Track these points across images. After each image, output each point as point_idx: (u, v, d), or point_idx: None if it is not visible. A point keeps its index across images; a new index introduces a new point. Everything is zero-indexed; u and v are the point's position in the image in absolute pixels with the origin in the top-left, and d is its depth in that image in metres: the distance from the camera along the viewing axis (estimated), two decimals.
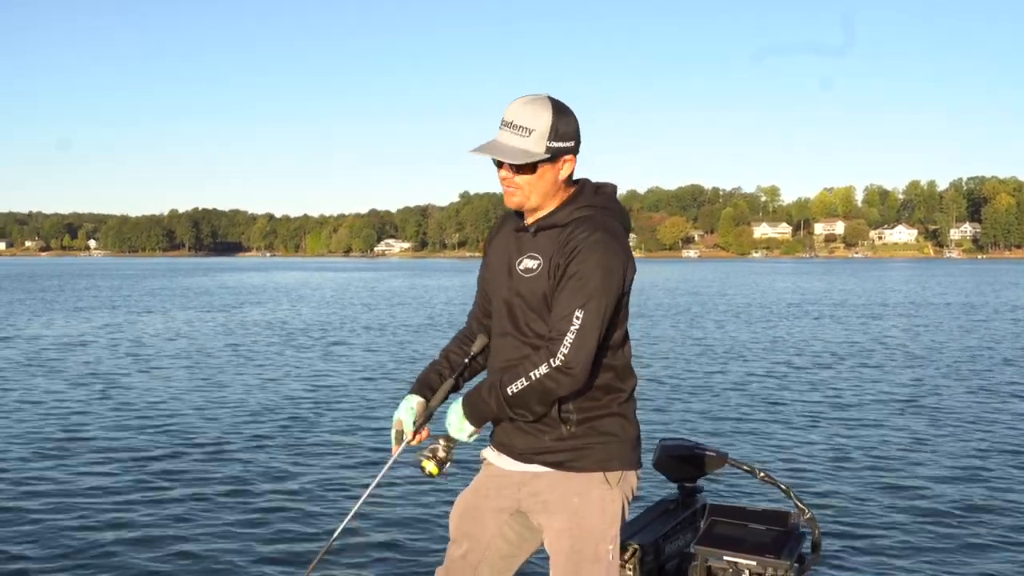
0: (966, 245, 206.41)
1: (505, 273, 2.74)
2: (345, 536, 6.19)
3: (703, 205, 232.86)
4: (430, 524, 6.57)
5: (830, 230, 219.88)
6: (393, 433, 2.84)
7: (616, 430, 2.68)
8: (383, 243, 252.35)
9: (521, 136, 2.56)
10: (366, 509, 6.87)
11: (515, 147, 2.57)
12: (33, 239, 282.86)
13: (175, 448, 9.10)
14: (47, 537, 6.28)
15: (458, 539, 2.86)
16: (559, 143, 2.58)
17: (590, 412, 2.65)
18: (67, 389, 13.04)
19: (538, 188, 2.62)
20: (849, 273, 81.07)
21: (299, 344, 19.99)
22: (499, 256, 2.80)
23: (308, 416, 10.97)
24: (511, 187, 2.63)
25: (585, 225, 2.59)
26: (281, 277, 72.24)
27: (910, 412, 11.34)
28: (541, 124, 2.56)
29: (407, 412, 2.83)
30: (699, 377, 14.51)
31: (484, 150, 2.60)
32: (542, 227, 2.66)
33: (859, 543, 6.25)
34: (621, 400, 2.70)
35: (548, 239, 2.64)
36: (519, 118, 2.57)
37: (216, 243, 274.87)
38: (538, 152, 2.56)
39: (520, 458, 2.73)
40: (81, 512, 6.86)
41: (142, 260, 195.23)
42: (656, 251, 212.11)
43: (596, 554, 2.67)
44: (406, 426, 2.81)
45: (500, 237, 2.86)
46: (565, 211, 2.65)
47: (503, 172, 2.63)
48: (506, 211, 2.86)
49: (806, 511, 3.66)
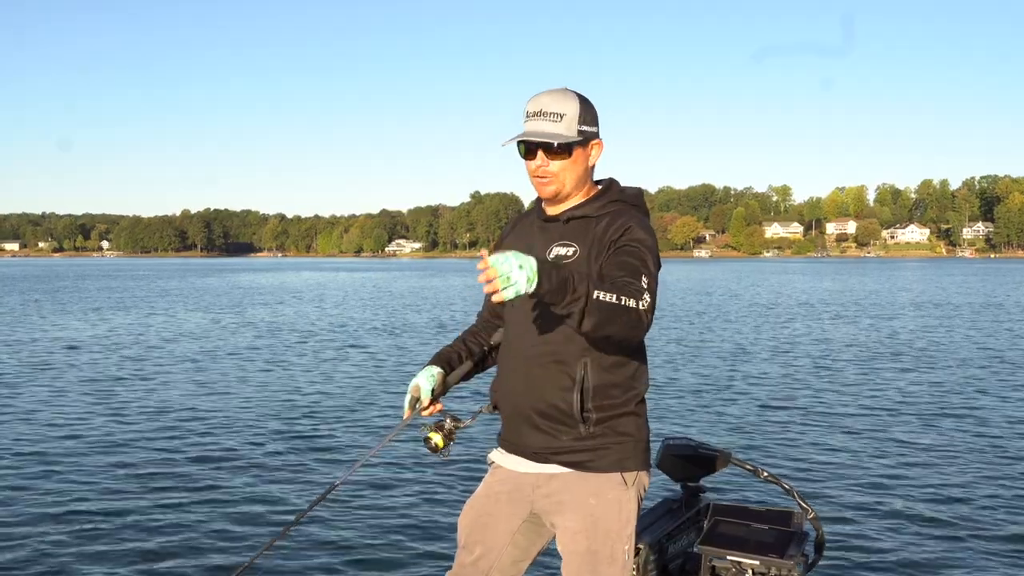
0: (979, 244, 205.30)
1: None
2: (351, 541, 6.25)
3: (714, 205, 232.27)
4: (437, 529, 6.57)
5: (842, 230, 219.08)
6: (407, 399, 2.83)
7: (632, 430, 2.68)
8: (394, 243, 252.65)
9: (553, 122, 2.60)
10: (372, 515, 6.92)
11: (549, 131, 2.60)
12: (46, 240, 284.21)
13: (197, 449, 9.15)
14: (63, 532, 6.34)
15: (469, 545, 2.81)
16: (588, 127, 2.65)
17: (609, 411, 2.63)
18: (96, 389, 13.13)
19: (572, 173, 2.65)
20: (860, 273, 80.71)
21: (330, 345, 20.06)
22: (519, 250, 2.78)
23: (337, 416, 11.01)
24: (545, 175, 2.65)
25: (629, 216, 2.63)
26: (296, 278, 72.39)
27: (915, 412, 11.32)
28: (571, 109, 2.61)
29: (427, 379, 2.82)
30: (703, 376, 14.52)
31: (519, 137, 2.62)
32: (574, 216, 2.68)
33: (863, 543, 6.26)
34: (637, 400, 2.70)
35: (581, 228, 2.65)
36: (548, 106, 2.61)
37: (228, 244, 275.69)
38: (571, 136, 2.60)
39: (534, 458, 2.70)
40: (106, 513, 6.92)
41: (155, 261, 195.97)
42: (667, 251, 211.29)
43: (612, 555, 2.65)
44: (423, 393, 2.81)
45: (516, 234, 2.87)
46: (597, 203, 2.68)
47: (536, 162, 2.64)
48: (518, 212, 2.92)
49: (810, 511, 3.64)
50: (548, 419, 2.63)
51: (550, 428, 2.64)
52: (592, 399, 2.60)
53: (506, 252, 2.23)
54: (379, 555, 6.05)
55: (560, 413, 2.61)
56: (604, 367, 2.62)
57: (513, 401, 2.73)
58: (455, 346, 2.99)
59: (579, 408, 2.60)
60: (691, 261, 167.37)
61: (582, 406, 2.60)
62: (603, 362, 2.61)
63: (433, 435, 2.77)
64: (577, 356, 2.60)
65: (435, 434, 2.77)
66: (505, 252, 2.23)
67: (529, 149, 2.64)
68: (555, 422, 2.63)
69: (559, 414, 2.62)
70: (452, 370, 2.90)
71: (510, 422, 2.76)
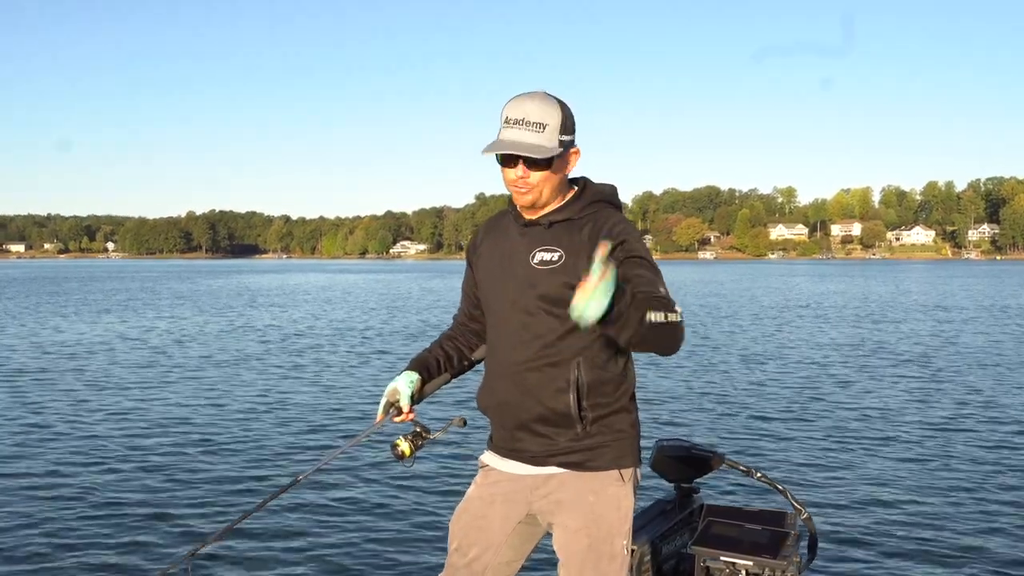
0: (984, 246, 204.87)
1: (511, 270, 2.69)
2: (342, 544, 6.26)
3: (719, 206, 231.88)
4: (423, 533, 6.53)
5: (847, 231, 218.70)
6: (383, 402, 2.78)
7: (626, 427, 2.67)
8: (399, 245, 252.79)
9: (536, 132, 2.53)
10: (363, 519, 6.93)
11: (532, 143, 2.54)
12: (52, 241, 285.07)
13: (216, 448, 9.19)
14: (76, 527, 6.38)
15: (463, 548, 2.78)
16: (567, 136, 2.60)
17: (603, 409, 2.62)
18: (112, 391, 13.17)
19: (551, 183, 2.60)
20: (864, 275, 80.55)
21: (347, 348, 20.09)
22: (498, 257, 2.76)
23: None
24: (524, 186, 2.59)
25: (611, 217, 2.63)
26: (303, 279, 72.34)
27: (910, 414, 11.30)
28: (553, 120, 2.55)
29: (407, 384, 2.77)
30: (696, 378, 14.50)
31: (502, 147, 2.55)
32: (555, 221, 2.65)
33: (855, 543, 6.26)
34: (628, 395, 2.69)
35: (564, 232, 2.63)
36: (531, 115, 2.54)
37: (233, 245, 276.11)
38: (552, 147, 2.55)
39: (532, 461, 2.69)
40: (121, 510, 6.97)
41: (159, 262, 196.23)
42: (672, 252, 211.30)
43: (612, 552, 2.64)
44: (403, 399, 2.76)
45: (491, 242, 2.82)
46: (576, 205, 2.66)
47: (516, 171, 2.58)
48: (486, 220, 2.90)
49: (803, 511, 3.67)
50: (546, 423, 2.62)
51: (548, 432, 2.63)
52: (587, 398, 2.59)
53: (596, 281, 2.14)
54: (364, 561, 5.99)
55: (558, 416, 2.60)
56: (597, 365, 2.60)
57: (508, 409, 2.69)
58: (434, 351, 2.93)
59: (576, 408, 2.58)
60: (695, 263, 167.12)
61: (579, 406, 2.59)
62: (595, 360, 2.60)
63: (401, 443, 2.73)
64: (571, 356, 2.59)
65: (404, 442, 2.73)
66: (595, 281, 2.14)
67: (509, 157, 2.58)
68: (553, 425, 2.62)
69: (557, 417, 2.60)
70: (431, 378, 2.85)
71: (504, 430, 2.73)
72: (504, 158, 2.59)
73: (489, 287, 2.78)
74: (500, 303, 2.73)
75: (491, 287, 2.77)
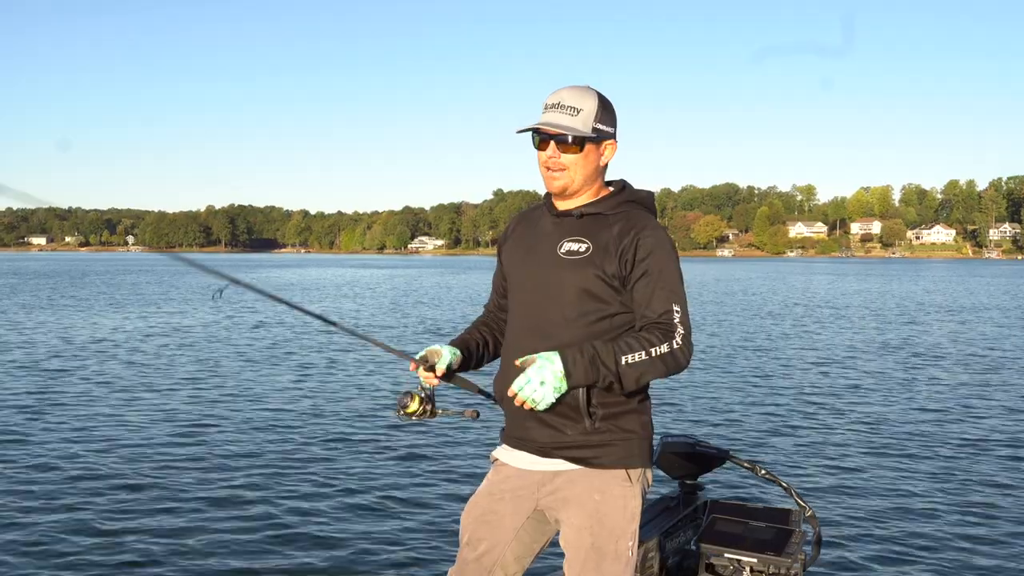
0: (1006, 246, 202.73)
1: (538, 259, 2.73)
2: (350, 538, 6.29)
3: (738, 204, 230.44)
4: (438, 525, 6.58)
5: (867, 230, 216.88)
6: (420, 355, 2.82)
7: (636, 427, 2.69)
8: (417, 240, 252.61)
9: (569, 115, 2.62)
10: (378, 509, 6.97)
11: (564, 124, 2.62)
12: (73, 234, 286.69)
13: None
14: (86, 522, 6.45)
15: (473, 542, 2.82)
16: (604, 126, 2.66)
17: (613, 408, 2.64)
18: (155, 386, 13.25)
19: (583, 169, 2.66)
20: (883, 274, 79.93)
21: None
22: (525, 245, 2.81)
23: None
24: (556, 168, 2.66)
25: (644, 220, 2.66)
26: (323, 273, 72.44)
27: (913, 411, 11.28)
28: (588, 105, 2.63)
29: (451, 353, 2.82)
30: (702, 374, 14.46)
31: (534, 125, 2.64)
32: (587, 213, 2.69)
33: (860, 541, 6.28)
34: (642, 397, 2.71)
35: (595, 225, 2.67)
36: (566, 99, 2.64)
37: (252, 239, 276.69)
38: (585, 131, 2.62)
39: (540, 452, 2.71)
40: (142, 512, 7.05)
41: (180, 256, 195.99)
42: (690, 250, 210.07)
43: (617, 552, 2.65)
44: (441, 362, 2.79)
45: (521, 230, 2.88)
46: (611, 201, 2.70)
47: (548, 153, 2.66)
48: (519, 211, 2.95)
49: (807, 509, 3.67)
50: (555, 413, 2.63)
51: (556, 422, 2.65)
52: (597, 395, 2.61)
53: (526, 373, 2.45)
54: (379, 552, 6.04)
55: (566, 407, 2.61)
56: None
57: None
58: (473, 334, 2.99)
59: (585, 402, 2.60)
60: (713, 260, 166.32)
61: (588, 400, 2.61)
62: None
63: (415, 400, 2.76)
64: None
65: (416, 400, 2.76)
66: (525, 374, 2.45)
67: (542, 139, 2.66)
68: (561, 416, 2.64)
69: (565, 408, 2.61)
70: (470, 358, 2.91)
71: (515, 417, 2.75)
72: (539, 140, 2.67)
73: (513, 274, 2.85)
74: (521, 290, 2.78)
75: (515, 274, 2.83)
